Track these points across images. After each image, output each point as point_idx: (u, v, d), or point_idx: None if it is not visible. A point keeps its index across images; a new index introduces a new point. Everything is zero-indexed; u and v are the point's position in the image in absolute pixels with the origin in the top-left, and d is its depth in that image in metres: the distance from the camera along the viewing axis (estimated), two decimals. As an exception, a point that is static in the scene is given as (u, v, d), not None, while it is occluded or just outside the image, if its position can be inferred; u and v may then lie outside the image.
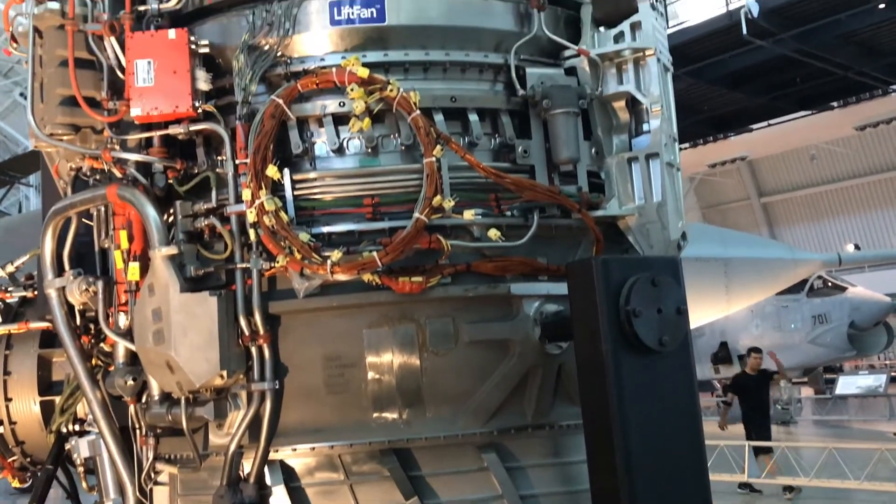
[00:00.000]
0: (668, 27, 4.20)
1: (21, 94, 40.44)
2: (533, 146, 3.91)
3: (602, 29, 4.12)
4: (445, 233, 3.71)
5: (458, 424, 3.81)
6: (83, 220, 4.26)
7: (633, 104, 4.10)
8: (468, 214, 3.66)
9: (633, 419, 3.25)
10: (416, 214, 3.59)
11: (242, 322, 3.68)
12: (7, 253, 7.46)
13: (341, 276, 3.56)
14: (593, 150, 4.04)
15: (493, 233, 3.69)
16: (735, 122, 29.44)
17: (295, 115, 3.77)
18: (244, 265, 3.70)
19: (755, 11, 22.25)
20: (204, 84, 3.83)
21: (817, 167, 35.07)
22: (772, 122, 28.89)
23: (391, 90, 3.67)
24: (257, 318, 3.68)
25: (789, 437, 22.77)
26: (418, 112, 3.67)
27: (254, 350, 3.71)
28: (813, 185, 35.72)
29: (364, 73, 3.67)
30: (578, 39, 4.12)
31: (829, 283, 24.21)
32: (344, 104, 3.75)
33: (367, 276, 3.59)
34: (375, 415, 3.78)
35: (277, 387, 3.72)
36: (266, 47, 3.82)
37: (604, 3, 4.11)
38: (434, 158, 3.63)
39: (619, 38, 4.06)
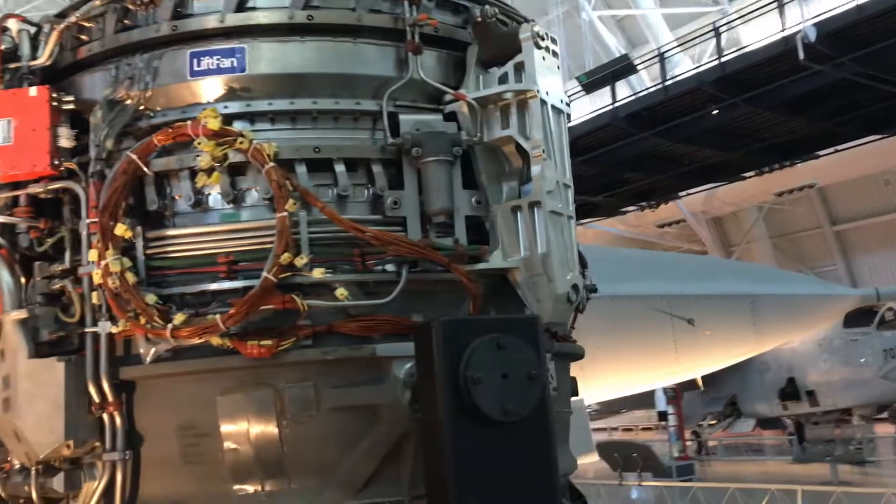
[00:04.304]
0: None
1: None
2: (405, 197, 3.68)
3: (490, 71, 3.88)
4: (306, 292, 3.51)
5: (326, 497, 3.56)
6: None
7: (523, 149, 3.83)
8: (318, 273, 3.44)
9: (473, 494, 2.96)
10: (264, 273, 3.39)
11: (92, 389, 3.53)
12: None
13: (185, 341, 3.39)
14: (473, 199, 3.78)
15: (341, 292, 3.46)
16: (800, 149, 28.48)
17: (154, 171, 3.63)
18: (93, 329, 3.55)
19: (812, 36, 21.51)
20: (67, 141, 3.73)
21: (893, 193, 33.57)
22: (839, 147, 27.82)
23: (241, 142, 3.50)
24: (105, 384, 3.52)
25: (864, 480, 21.58)
26: (272, 164, 3.49)
27: (105, 418, 3.56)
28: (889, 212, 34.15)
29: (214, 124, 3.51)
30: (473, 82, 3.89)
31: (901, 315, 22.96)
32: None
33: (215, 340, 3.40)
34: (236, 487, 3.56)
35: (128, 457, 3.54)
36: (128, 101, 3.71)
37: (488, 44, 3.88)
38: (286, 213, 3.44)
39: (504, 79, 3.82)
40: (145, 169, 3.60)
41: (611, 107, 27.90)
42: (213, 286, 3.51)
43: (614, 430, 38.62)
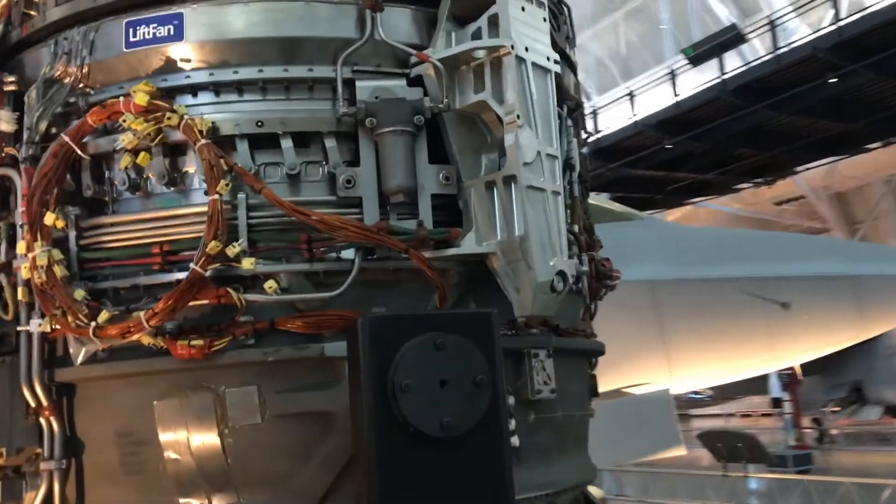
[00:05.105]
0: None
1: None
2: (361, 174, 3.23)
3: (466, 28, 3.38)
4: (248, 285, 3.12)
5: None
6: None
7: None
8: (247, 263, 3.03)
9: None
10: (191, 265, 3.02)
11: (26, 392, 3.25)
12: None
13: (110, 340, 3.06)
14: (442, 175, 3.29)
15: (269, 285, 3.04)
16: (932, 117, 26.39)
17: (90, 153, 3.31)
18: (25, 328, 3.27)
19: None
20: (7, 125, 3.46)
21: None
22: (977, 112, 25.62)
23: (170, 117, 3.13)
24: (38, 387, 3.23)
25: None
26: (204, 140, 3.11)
27: (44, 424, 3.28)
28: None
29: (142, 99, 3.15)
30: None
31: None
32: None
33: (146, 339, 3.06)
34: (181, 500, 3.22)
35: (64, 466, 3.25)
36: (65, 79, 3.40)
37: (461, -5, 3.37)
38: (217, 196, 3.05)
39: (478, 35, 3.31)
40: (79, 151, 3.28)
41: (719, 79, 26.57)
42: (145, 280, 3.17)
43: (731, 416, 37.02)
